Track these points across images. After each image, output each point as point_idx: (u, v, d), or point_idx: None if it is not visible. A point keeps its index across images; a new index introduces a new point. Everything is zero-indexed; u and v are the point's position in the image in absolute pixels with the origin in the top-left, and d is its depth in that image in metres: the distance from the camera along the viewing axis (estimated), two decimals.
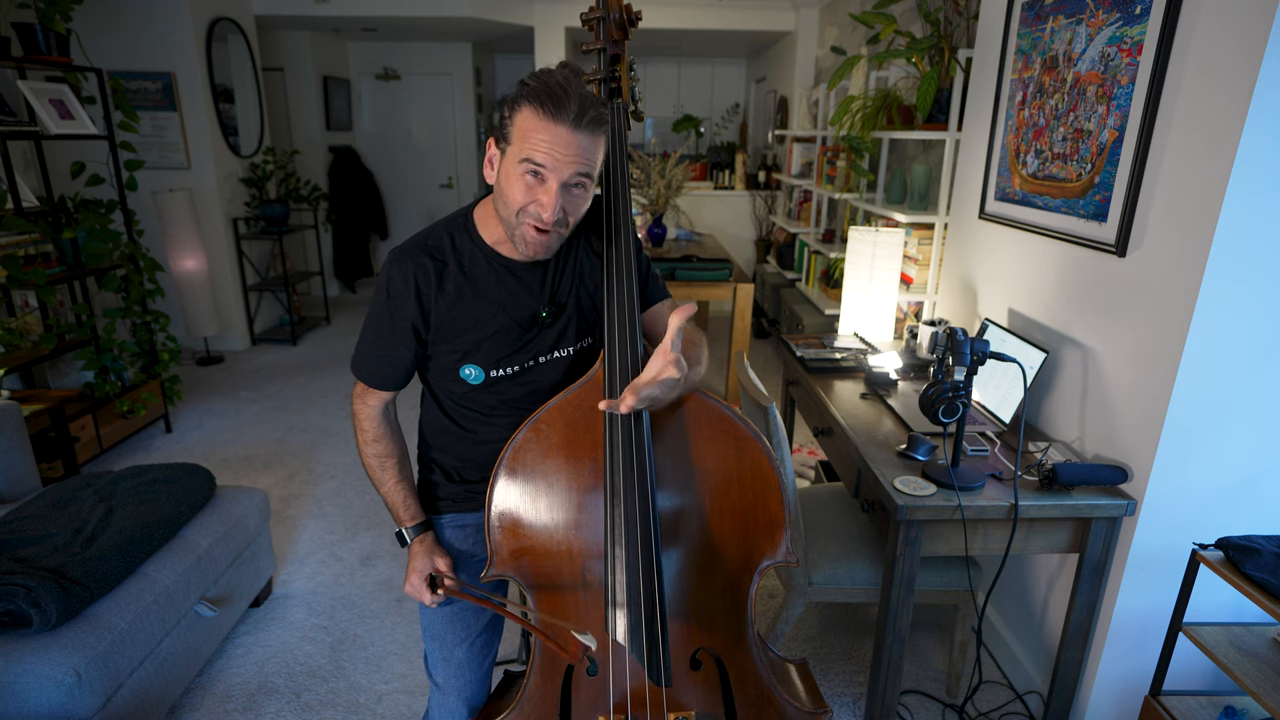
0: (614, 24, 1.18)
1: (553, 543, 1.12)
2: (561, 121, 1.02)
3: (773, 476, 1.12)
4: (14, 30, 2.95)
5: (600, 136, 1.07)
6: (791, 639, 2.22)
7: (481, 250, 1.18)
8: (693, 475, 1.12)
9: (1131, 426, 1.61)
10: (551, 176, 1.05)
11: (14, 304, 3.04)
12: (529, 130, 1.03)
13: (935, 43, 2.86)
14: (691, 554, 1.13)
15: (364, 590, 2.44)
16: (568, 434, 1.12)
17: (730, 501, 1.13)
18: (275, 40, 5.77)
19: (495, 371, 1.21)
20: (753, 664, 1.15)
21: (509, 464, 1.12)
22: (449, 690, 1.32)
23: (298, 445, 3.53)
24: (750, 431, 1.13)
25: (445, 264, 1.17)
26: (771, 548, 1.13)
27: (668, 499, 1.12)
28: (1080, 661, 1.73)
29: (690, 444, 1.12)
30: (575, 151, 1.04)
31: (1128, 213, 1.59)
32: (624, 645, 1.03)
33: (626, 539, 1.04)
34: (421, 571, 1.24)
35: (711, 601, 1.14)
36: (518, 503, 1.12)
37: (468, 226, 1.20)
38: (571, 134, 1.02)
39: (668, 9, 5.38)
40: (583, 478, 1.12)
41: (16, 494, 2.21)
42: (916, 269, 3.04)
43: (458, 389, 1.24)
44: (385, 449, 1.27)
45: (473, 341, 1.18)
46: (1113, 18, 1.63)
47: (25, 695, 1.49)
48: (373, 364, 1.22)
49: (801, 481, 3.03)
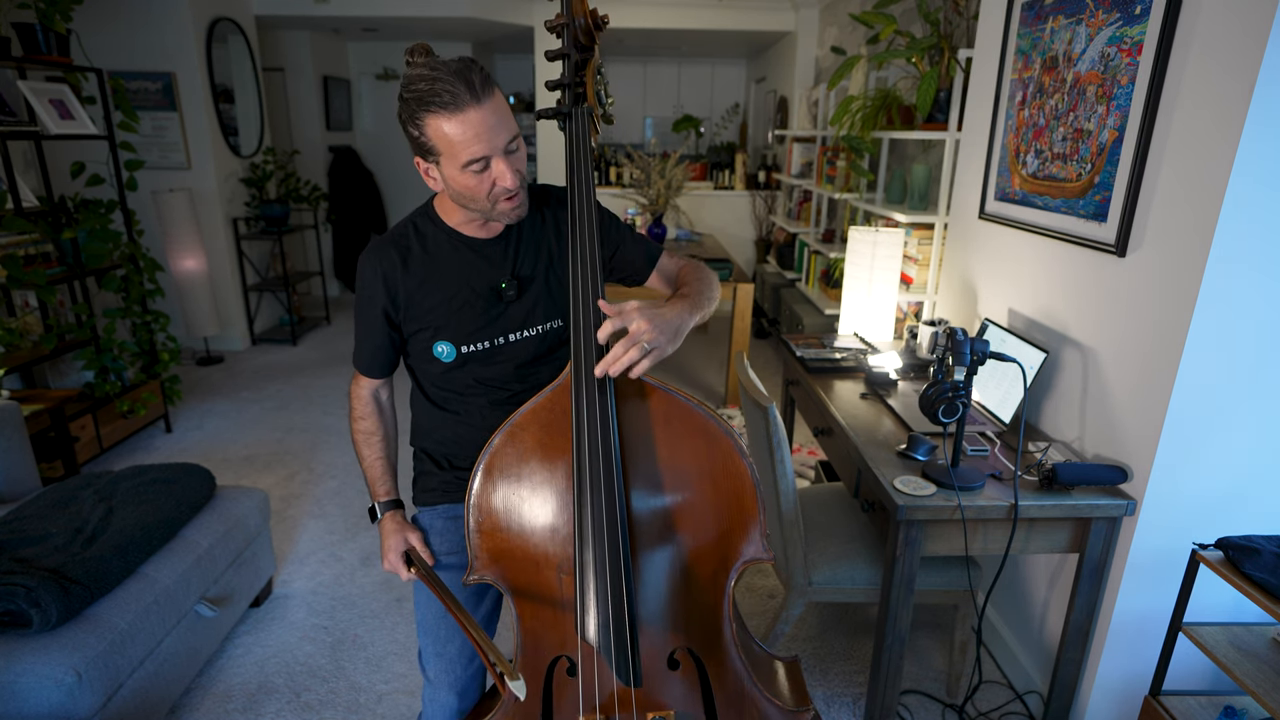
0: (580, 30, 1.18)
1: (529, 546, 1.12)
2: (466, 107, 1.06)
3: (745, 472, 1.11)
4: (14, 30, 2.95)
5: (496, 91, 1.10)
6: (791, 639, 2.22)
7: (444, 231, 1.26)
8: (664, 475, 1.12)
9: (1131, 426, 1.61)
10: (494, 155, 1.10)
11: (14, 304, 3.04)
12: (447, 135, 1.08)
13: (935, 43, 2.86)
14: (666, 554, 1.13)
15: (364, 590, 2.44)
16: (542, 437, 1.12)
17: (703, 499, 1.12)
18: (275, 40, 5.77)
19: (466, 347, 1.26)
20: (732, 662, 1.15)
21: (486, 467, 1.12)
22: (440, 684, 1.34)
23: (298, 445, 3.53)
24: (721, 428, 1.12)
25: (409, 249, 1.25)
26: (747, 544, 1.13)
27: (640, 499, 1.11)
28: (1080, 661, 1.73)
29: (660, 443, 1.12)
30: (494, 120, 1.08)
31: (1128, 213, 1.59)
32: (594, 646, 1.03)
33: (594, 540, 1.04)
34: (396, 549, 1.31)
35: (688, 601, 1.14)
36: (495, 506, 1.13)
37: (429, 214, 1.27)
38: (479, 110, 1.06)
39: (668, 9, 5.38)
40: (558, 481, 1.12)
41: (16, 494, 2.21)
42: (916, 269, 3.04)
43: (434, 369, 1.30)
44: (371, 426, 1.36)
45: (441, 317, 1.25)
46: (1113, 18, 1.63)
47: (25, 695, 1.49)
48: (360, 352, 1.32)
49: (801, 481, 3.03)
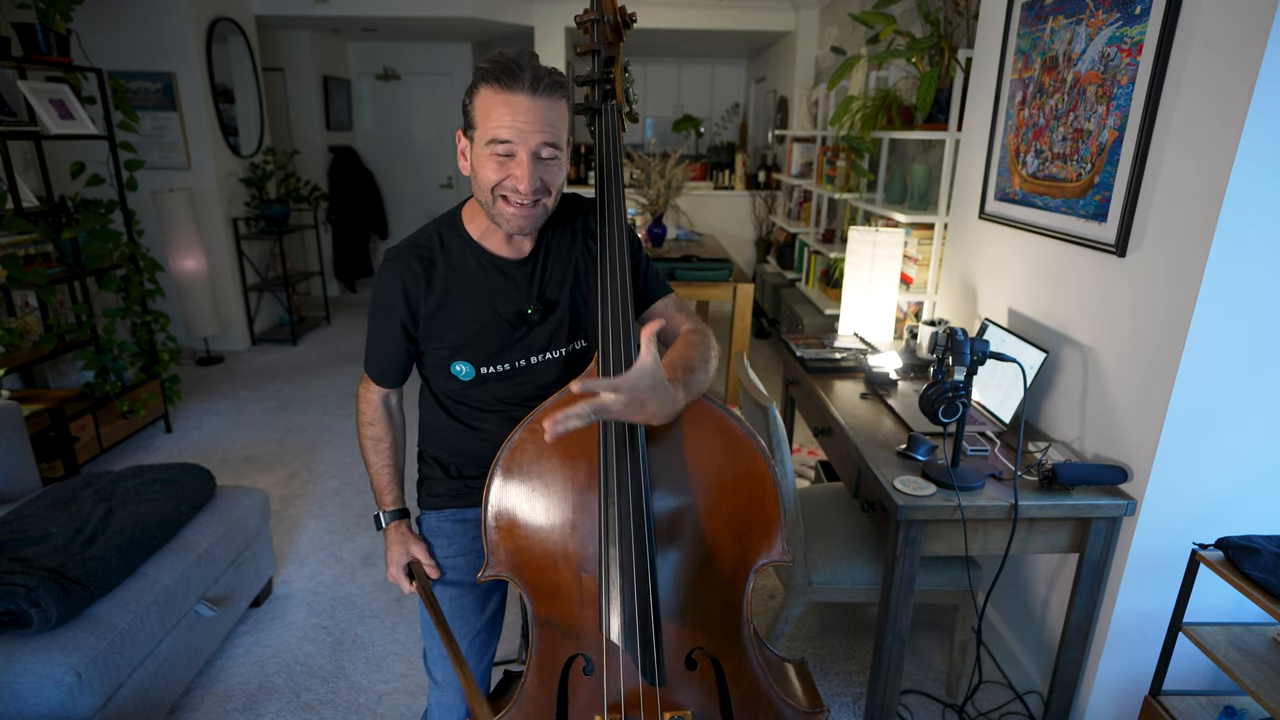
0: (608, 26, 1.18)
1: (549, 543, 1.12)
2: (519, 91, 1.04)
3: (767, 475, 1.12)
4: (14, 30, 2.94)
5: (560, 101, 1.08)
6: (791, 639, 2.22)
7: (470, 247, 1.22)
8: (687, 475, 1.12)
9: (1131, 426, 1.61)
10: (520, 148, 1.07)
11: (14, 304, 3.04)
12: (489, 109, 1.06)
13: (935, 43, 2.86)
14: (687, 554, 1.13)
15: (364, 590, 2.44)
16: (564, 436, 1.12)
17: (725, 501, 1.13)
18: (275, 40, 5.77)
19: (486, 369, 1.24)
20: (749, 663, 1.15)
21: (505, 465, 1.12)
22: (448, 687, 1.33)
23: (298, 445, 3.53)
24: (744, 430, 1.12)
25: (434, 263, 1.21)
26: (767, 546, 1.13)
27: (662, 499, 1.11)
28: (1080, 661, 1.73)
29: (685, 444, 1.12)
30: (537, 118, 1.05)
31: (1128, 213, 1.59)
32: (618, 645, 1.03)
33: (620, 539, 1.04)
34: (399, 561, 1.30)
35: (707, 601, 1.14)
36: (514, 504, 1.12)
37: (455, 224, 1.24)
38: (531, 101, 1.04)
39: (668, 9, 5.38)
40: (578, 479, 1.12)
41: (16, 494, 2.21)
42: (916, 269, 3.04)
43: (452, 386, 1.27)
44: (380, 432, 1.34)
45: (461, 338, 1.22)
46: (1113, 18, 1.63)
47: (25, 695, 1.49)
48: (373, 359, 1.29)
49: (801, 481, 3.03)
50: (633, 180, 4.30)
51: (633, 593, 1.03)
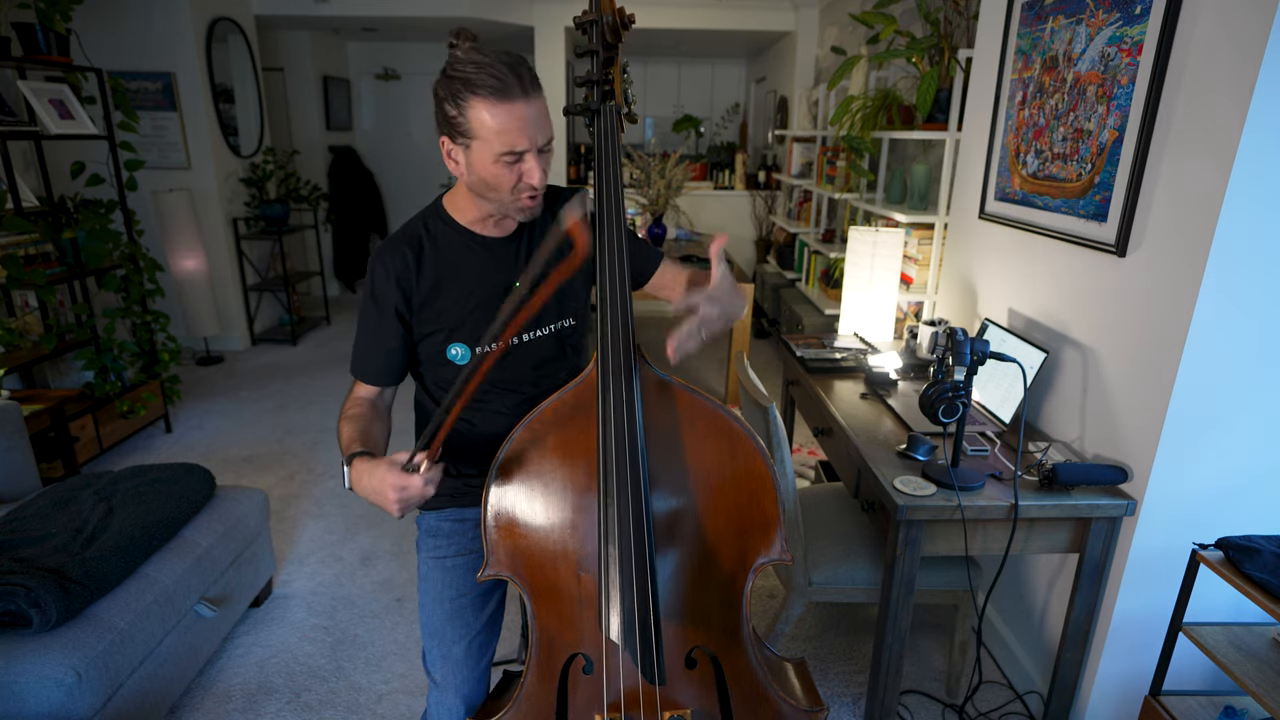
0: (607, 27, 1.19)
1: (548, 542, 1.13)
2: (515, 99, 1.08)
3: (766, 474, 1.12)
4: (14, 30, 2.94)
5: (540, 89, 1.13)
6: (791, 639, 2.22)
7: (455, 230, 1.26)
8: (687, 474, 1.12)
9: (1131, 426, 1.61)
10: (529, 151, 1.12)
11: (14, 304, 3.04)
12: (491, 123, 1.08)
13: (935, 43, 2.86)
14: (686, 553, 1.13)
15: (364, 590, 2.44)
16: (563, 435, 1.13)
17: (725, 500, 1.13)
18: (275, 40, 5.77)
19: (481, 349, 1.25)
20: (748, 662, 1.16)
21: (505, 464, 1.13)
22: (447, 687, 1.33)
23: (298, 445, 3.53)
24: (744, 430, 1.13)
25: (422, 247, 1.24)
26: (766, 546, 1.14)
27: (662, 498, 1.12)
28: (1080, 661, 1.73)
29: (684, 443, 1.12)
30: (536, 118, 1.10)
31: (1128, 213, 1.59)
32: (618, 644, 1.03)
33: (620, 538, 1.04)
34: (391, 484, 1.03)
35: (707, 600, 1.14)
36: (513, 503, 1.13)
37: (439, 213, 1.27)
38: (526, 105, 1.09)
39: (668, 9, 5.38)
40: (578, 478, 1.12)
41: (16, 494, 2.21)
42: (916, 269, 3.04)
43: (447, 374, 1.28)
44: (360, 412, 1.25)
45: (455, 318, 1.24)
46: (1113, 18, 1.63)
47: (25, 695, 1.49)
48: (365, 359, 1.27)
49: (801, 481, 3.03)
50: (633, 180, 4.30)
51: (632, 592, 1.03)
